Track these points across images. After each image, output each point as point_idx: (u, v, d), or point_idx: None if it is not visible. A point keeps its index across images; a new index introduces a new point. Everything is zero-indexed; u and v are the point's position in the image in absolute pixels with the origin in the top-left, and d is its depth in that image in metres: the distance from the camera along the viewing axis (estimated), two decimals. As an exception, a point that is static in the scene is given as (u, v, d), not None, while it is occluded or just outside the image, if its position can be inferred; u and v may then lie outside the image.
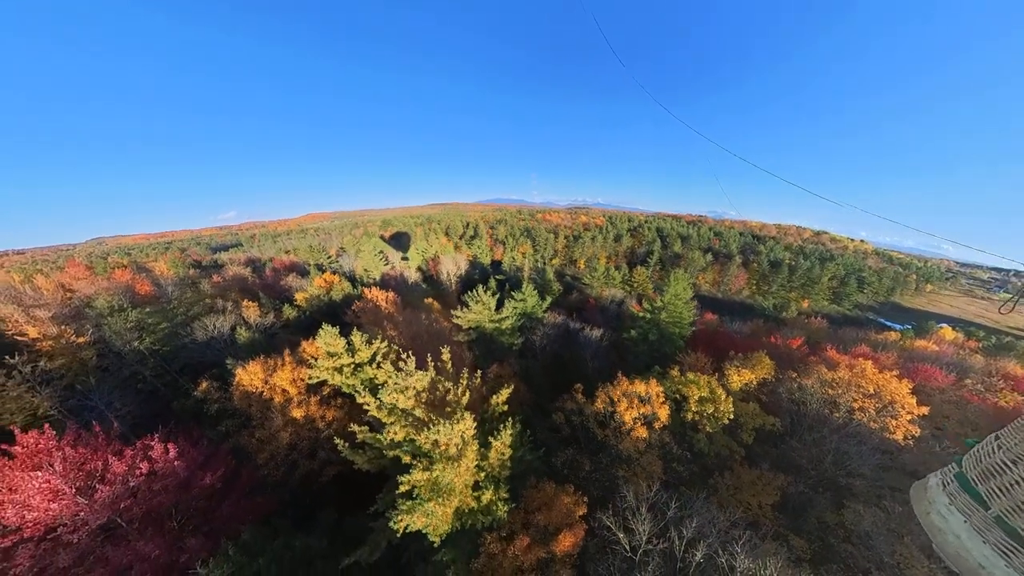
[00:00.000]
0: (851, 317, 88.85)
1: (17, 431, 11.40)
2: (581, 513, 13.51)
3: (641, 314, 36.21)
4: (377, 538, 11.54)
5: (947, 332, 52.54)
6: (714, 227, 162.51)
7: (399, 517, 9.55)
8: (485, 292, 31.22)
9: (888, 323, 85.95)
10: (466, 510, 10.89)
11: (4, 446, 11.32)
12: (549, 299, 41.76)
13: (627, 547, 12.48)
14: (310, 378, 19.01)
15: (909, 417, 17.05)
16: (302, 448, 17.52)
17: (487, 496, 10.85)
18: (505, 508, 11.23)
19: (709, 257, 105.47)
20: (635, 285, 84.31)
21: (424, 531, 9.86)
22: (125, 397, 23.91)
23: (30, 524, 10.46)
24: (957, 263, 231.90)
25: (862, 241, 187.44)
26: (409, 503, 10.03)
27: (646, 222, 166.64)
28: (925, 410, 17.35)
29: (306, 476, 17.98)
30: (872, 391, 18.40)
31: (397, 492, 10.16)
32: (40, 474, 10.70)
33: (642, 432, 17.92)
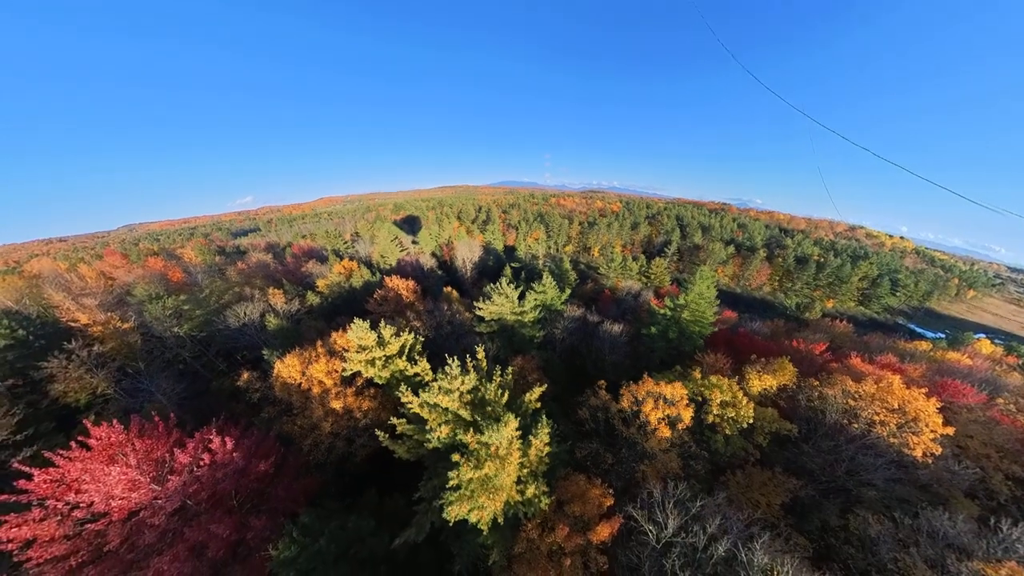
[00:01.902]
0: (879, 321, 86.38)
1: (90, 425, 12.84)
2: (608, 504, 14.83)
3: (662, 311, 36.40)
4: (422, 520, 13.10)
5: (984, 345, 49.47)
6: (738, 217, 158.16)
7: (450, 508, 10.88)
8: (508, 285, 31.95)
9: (920, 330, 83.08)
10: (512, 502, 12.22)
11: (80, 437, 12.71)
12: (568, 291, 42.29)
13: (655, 539, 13.71)
14: (344, 370, 20.44)
15: (932, 436, 17.42)
16: (342, 435, 19.19)
17: (530, 490, 12.22)
18: (547, 501, 12.64)
19: (731, 249, 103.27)
20: (652, 277, 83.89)
21: (474, 521, 11.17)
22: (170, 378, 26.04)
23: (116, 510, 12.13)
24: (1009, 268, 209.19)
25: (901, 238, 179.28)
26: (456, 494, 11.34)
27: (665, 209, 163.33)
28: (951, 430, 17.63)
29: (343, 457, 19.80)
30: (896, 406, 18.75)
31: (447, 485, 11.43)
32: (117, 468, 12.23)
33: (666, 432, 18.99)
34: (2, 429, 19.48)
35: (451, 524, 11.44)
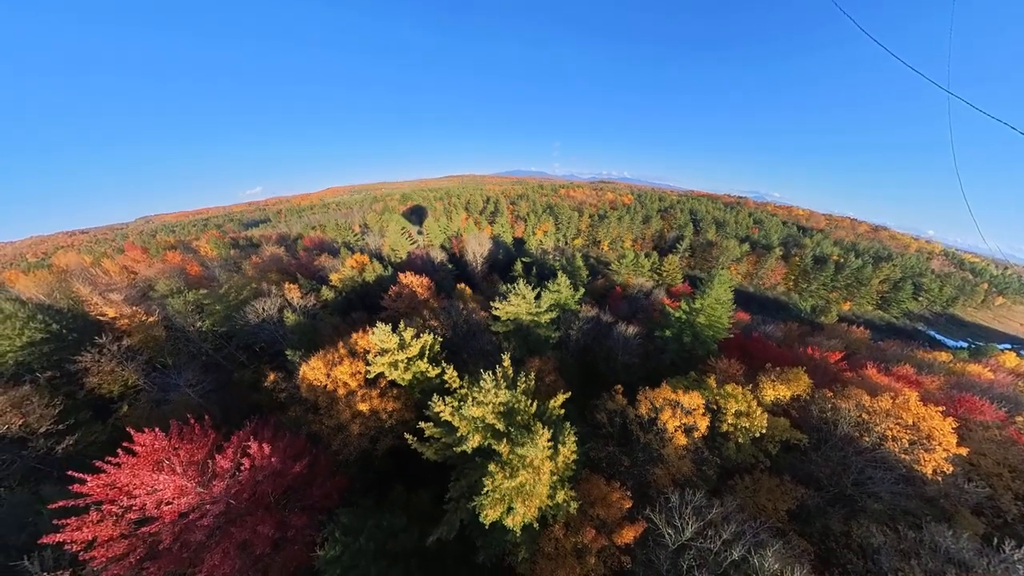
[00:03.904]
0: (897, 327, 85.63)
1: (133, 432, 13.68)
2: (627, 506, 15.99)
3: (677, 314, 36.79)
4: (452, 519, 14.40)
5: (1009, 358, 47.62)
6: (754, 212, 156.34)
7: (486, 512, 12.15)
8: (526, 287, 32.57)
9: (940, 337, 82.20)
10: (543, 507, 13.53)
11: (125, 443, 13.57)
12: (582, 290, 42.79)
13: (672, 541, 14.86)
14: (368, 373, 21.51)
15: (945, 455, 18.06)
16: (369, 436, 20.47)
17: (560, 495, 13.55)
18: (576, 505, 13.93)
19: (746, 247, 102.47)
20: (664, 275, 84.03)
21: (509, 525, 12.35)
22: (195, 371, 27.39)
23: (167, 513, 13.12)
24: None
25: (928, 241, 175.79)
26: (490, 498, 12.59)
27: (678, 202, 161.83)
28: (964, 450, 18.25)
29: (365, 454, 21.11)
30: (911, 422, 19.36)
31: (483, 491, 12.65)
32: (165, 476, 13.21)
33: (682, 440, 20.05)
34: (45, 419, 20.99)
35: (486, 527, 12.59)
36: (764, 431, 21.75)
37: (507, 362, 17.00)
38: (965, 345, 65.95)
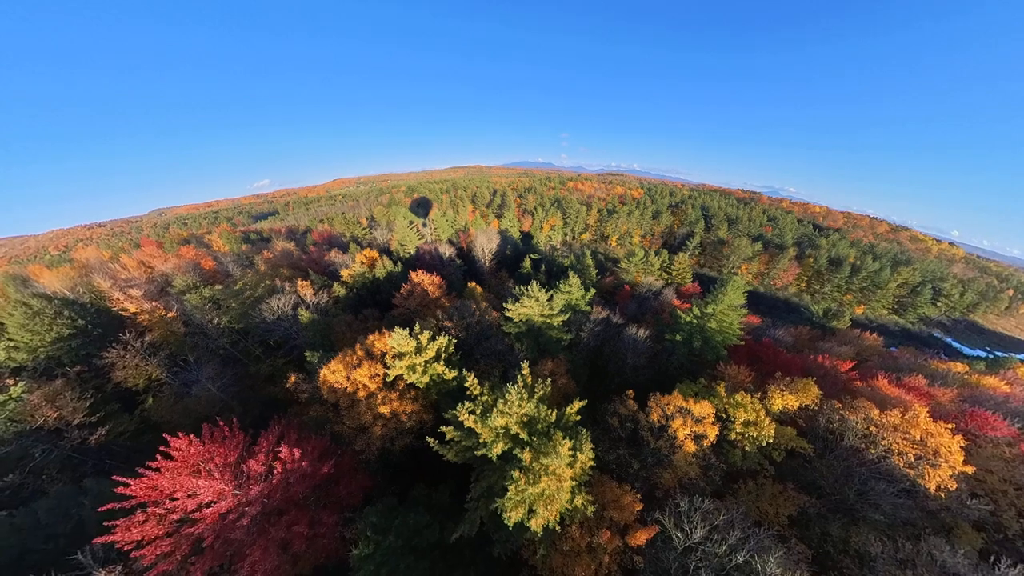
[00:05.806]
0: (912, 332, 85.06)
1: (169, 437, 14.59)
2: (638, 509, 17.04)
3: (687, 318, 37.21)
4: (472, 517, 15.69)
5: None
6: (768, 209, 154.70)
7: (509, 514, 13.26)
8: (540, 289, 33.17)
9: (957, 345, 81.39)
10: (563, 510, 14.68)
11: (163, 448, 14.48)
12: (592, 291, 43.23)
13: (680, 544, 15.92)
14: (386, 376, 22.50)
15: (950, 472, 18.72)
16: (389, 437, 21.59)
17: (579, 500, 14.73)
18: (592, 509, 15.07)
19: (758, 246, 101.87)
20: (674, 273, 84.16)
21: (532, 527, 13.47)
22: (215, 365, 28.64)
23: (208, 515, 14.13)
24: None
25: (951, 244, 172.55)
26: (512, 502, 13.69)
27: (689, 197, 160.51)
28: (970, 469, 18.82)
29: (384, 452, 22.25)
30: (918, 438, 19.99)
31: (507, 496, 13.77)
32: (203, 481, 14.18)
33: (691, 447, 21.03)
34: (78, 412, 22.36)
35: (510, 528, 13.71)
36: (771, 440, 22.57)
37: (526, 370, 17.85)
38: (983, 355, 65.52)
